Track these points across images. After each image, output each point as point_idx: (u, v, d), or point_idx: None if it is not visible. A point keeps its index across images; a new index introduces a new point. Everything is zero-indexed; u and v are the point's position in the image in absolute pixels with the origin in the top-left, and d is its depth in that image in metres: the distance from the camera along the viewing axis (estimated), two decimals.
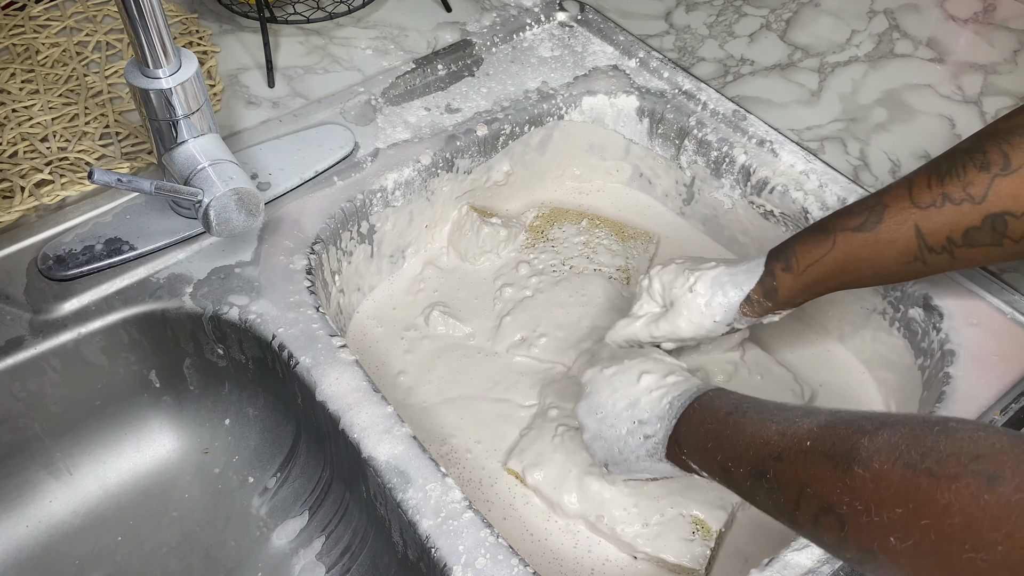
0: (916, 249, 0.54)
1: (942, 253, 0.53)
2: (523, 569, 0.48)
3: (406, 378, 0.69)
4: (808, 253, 0.57)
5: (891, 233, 0.54)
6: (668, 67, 0.79)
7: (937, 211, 0.52)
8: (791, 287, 0.57)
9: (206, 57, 0.77)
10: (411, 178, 0.71)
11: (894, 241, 0.54)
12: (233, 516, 0.64)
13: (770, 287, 0.58)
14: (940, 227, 0.52)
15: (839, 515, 0.39)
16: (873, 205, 0.55)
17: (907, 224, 0.53)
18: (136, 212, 0.64)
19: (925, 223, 0.53)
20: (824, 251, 0.56)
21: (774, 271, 0.58)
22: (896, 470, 0.37)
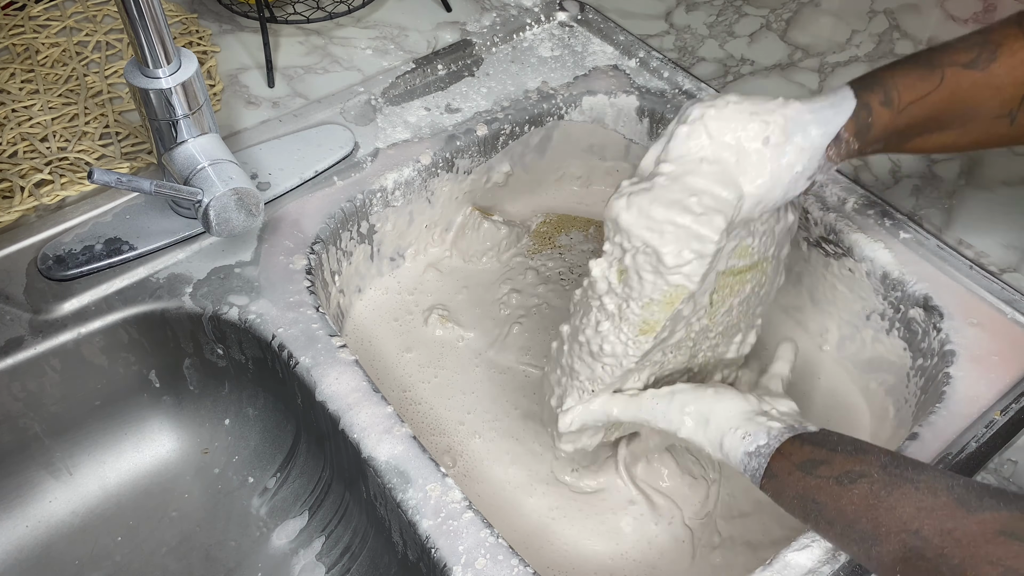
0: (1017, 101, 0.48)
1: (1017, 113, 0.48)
2: (523, 569, 0.48)
3: (406, 379, 0.69)
4: (912, 87, 0.48)
5: (1002, 75, 0.48)
6: (668, 67, 0.79)
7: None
8: (885, 127, 0.49)
9: (206, 57, 0.77)
10: (411, 178, 0.71)
11: (1002, 86, 0.48)
12: (233, 516, 0.64)
13: (864, 124, 0.48)
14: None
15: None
16: (983, 42, 0.48)
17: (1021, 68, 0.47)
18: (136, 212, 0.64)
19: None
20: (930, 87, 0.48)
21: (870, 104, 0.48)
22: None
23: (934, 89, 0.48)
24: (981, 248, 0.65)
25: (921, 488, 0.42)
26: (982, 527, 0.40)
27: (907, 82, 0.48)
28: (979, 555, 0.39)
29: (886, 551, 0.42)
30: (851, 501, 0.44)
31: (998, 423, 0.55)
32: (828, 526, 0.45)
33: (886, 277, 0.65)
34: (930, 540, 0.41)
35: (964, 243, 0.66)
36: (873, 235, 0.66)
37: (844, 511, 0.44)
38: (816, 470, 0.46)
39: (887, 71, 0.49)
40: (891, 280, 0.65)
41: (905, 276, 0.64)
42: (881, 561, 0.43)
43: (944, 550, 0.40)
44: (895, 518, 0.42)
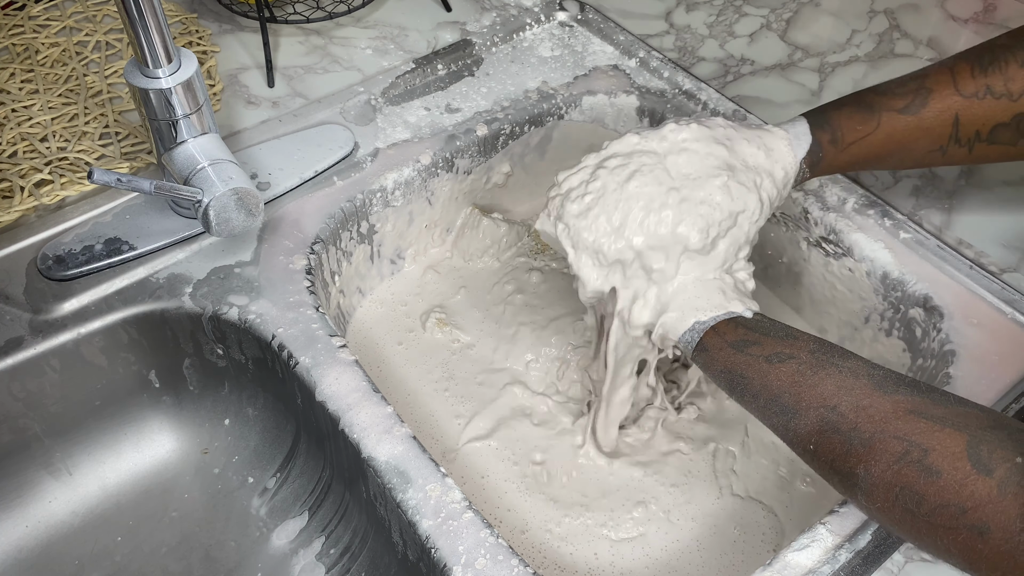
0: (946, 139, 0.53)
1: (964, 146, 0.53)
2: (523, 569, 0.48)
3: (406, 378, 0.69)
4: (853, 130, 0.55)
5: (932, 119, 0.53)
6: (668, 67, 0.79)
7: (978, 102, 0.52)
8: (832, 161, 0.57)
9: (206, 57, 0.77)
10: (411, 178, 0.71)
11: (932, 128, 0.54)
12: (233, 516, 0.64)
13: (816, 158, 0.56)
14: (975, 119, 0.52)
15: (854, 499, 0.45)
16: (916, 88, 0.54)
17: (949, 112, 0.53)
18: (136, 212, 0.64)
19: (965, 113, 0.53)
20: (869, 130, 0.55)
21: (821, 142, 0.56)
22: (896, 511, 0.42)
23: (872, 132, 0.55)
24: (981, 248, 0.65)
25: (844, 371, 0.46)
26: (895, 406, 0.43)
27: (850, 124, 0.56)
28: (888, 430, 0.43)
29: (803, 424, 0.46)
30: (777, 378, 0.48)
31: None
32: (752, 399, 0.50)
33: (886, 277, 0.65)
34: (845, 415, 0.45)
35: (964, 243, 0.66)
36: (873, 235, 0.66)
37: (769, 386, 0.48)
38: (747, 349, 0.50)
39: (834, 110, 0.57)
40: (891, 280, 0.65)
41: (905, 276, 0.64)
42: (798, 433, 0.47)
43: (857, 424, 0.44)
44: (816, 394, 0.46)
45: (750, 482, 0.64)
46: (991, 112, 0.52)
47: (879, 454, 0.42)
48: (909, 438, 0.42)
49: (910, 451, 0.41)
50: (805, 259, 0.71)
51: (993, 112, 0.52)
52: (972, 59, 0.53)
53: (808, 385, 0.47)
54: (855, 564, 0.49)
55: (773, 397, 0.48)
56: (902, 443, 0.42)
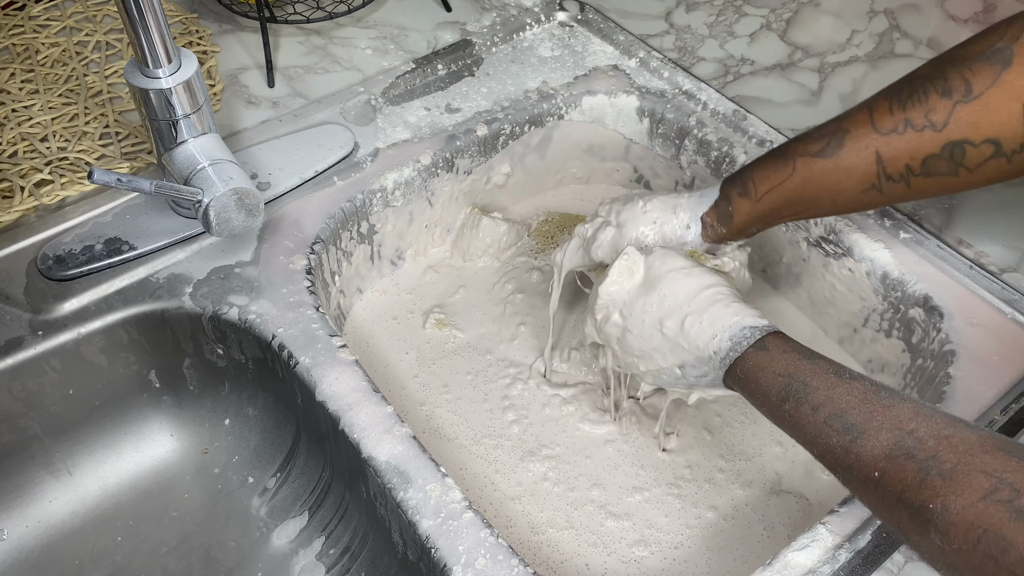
0: (875, 176, 0.52)
1: (899, 182, 0.52)
2: (523, 569, 0.48)
3: (406, 378, 0.69)
4: (766, 179, 0.55)
5: (851, 159, 0.52)
6: (668, 67, 0.79)
7: (898, 137, 0.51)
8: (748, 213, 0.57)
9: (206, 57, 0.77)
10: (411, 178, 0.71)
11: (854, 168, 0.53)
12: (233, 516, 0.64)
13: (725, 211, 0.57)
14: (900, 154, 0.51)
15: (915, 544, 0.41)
16: (833, 131, 0.54)
17: (868, 150, 0.52)
18: (136, 212, 0.64)
19: (886, 149, 0.51)
20: (783, 177, 0.55)
21: (730, 196, 0.57)
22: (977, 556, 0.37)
23: (787, 178, 0.55)
24: (981, 248, 0.65)
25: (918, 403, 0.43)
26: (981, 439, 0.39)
27: (763, 174, 0.56)
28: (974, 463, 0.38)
29: (873, 444, 0.42)
30: (847, 391, 0.45)
31: (998, 423, 0.55)
32: (811, 411, 0.45)
33: (886, 277, 0.65)
34: (925, 441, 0.40)
35: (964, 243, 0.66)
36: (873, 235, 0.66)
37: (835, 399, 0.45)
38: (814, 358, 0.48)
39: (751, 165, 0.57)
40: (891, 280, 0.65)
41: (905, 276, 0.64)
42: (862, 457, 0.42)
43: (938, 452, 0.39)
44: (891, 415, 0.42)
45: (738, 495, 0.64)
46: (916, 145, 0.51)
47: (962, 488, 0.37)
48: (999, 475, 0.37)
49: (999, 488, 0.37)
50: (805, 259, 0.71)
51: (919, 145, 0.51)
52: (891, 94, 0.52)
53: (882, 405, 0.43)
54: (855, 564, 0.49)
55: (839, 412, 0.44)
56: (990, 479, 0.37)
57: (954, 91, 0.49)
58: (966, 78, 0.49)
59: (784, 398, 0.47)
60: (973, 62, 0.49)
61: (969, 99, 0.49)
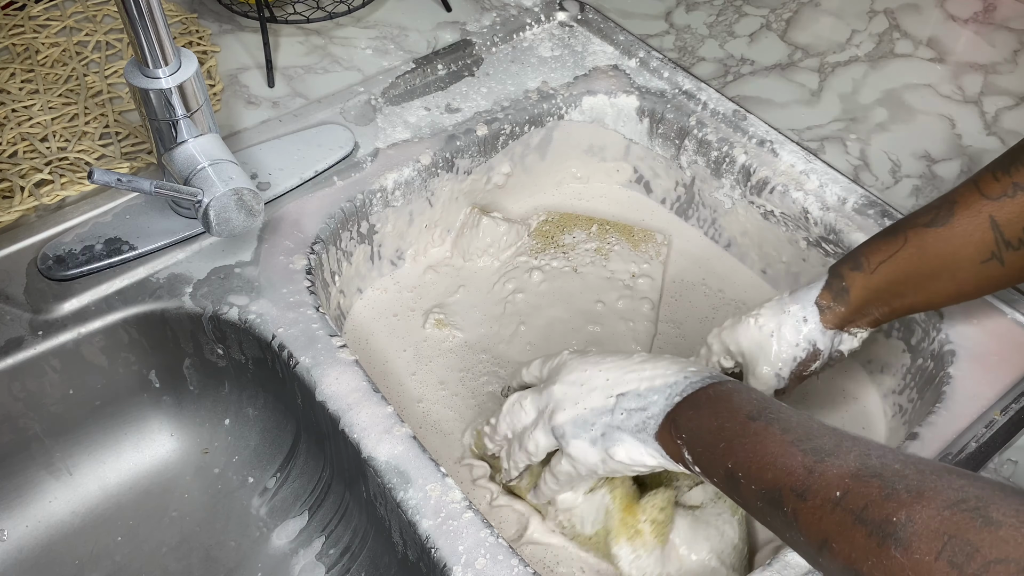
0: (992, 243, 0.51)
1: (1020, 248, 0.51)
2: (523, 569, 0.48)
3: (406, 379, 0.69)
4: (878, 251, 0.55)
5: (965, 226, 0.52)
6: (668, 67, 0.79)
7: (1010, 200, 0.50)
8: (863, 287, 0.55)
9: (206, 57, 0.77)
10: (411, 178, 0.71)
11: (969, 235, 0.52)
12: (233, 516, 0.64)
13: (839, 289, 0.56)
14: (1015, 217, 0.50)
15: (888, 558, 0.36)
16: (941, 203, 0.53)
17: (981, 216, 0.51)
18: (136, 212, 0.64)
19: (1000, 213, 0.51)
20: (895, 248, 0.54)
21: (841, 273, 0.56)
22: (940, 567, 0.35)
23: (900, 249, 0.54)
24: None
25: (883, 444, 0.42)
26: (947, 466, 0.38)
27: (873, 247, 0.55)
28: (941, 481, 0.37)
29: (840, 463, 0.40)
30: (819, 425, 0.43)
31: (998, 423, 0.55)
32: (779, 431, 0.43)
33: None
34: (891, 464, 0.39)
35: None
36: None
37: (806, 426, 0.43)
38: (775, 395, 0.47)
39: (859, 247, 0.56)
40: None
41: None
42: (826, 474, 0.40)
43: (906, 472, 0.38)
44: (860, 442, 0.41)
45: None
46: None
47: (929, 499, 0.36)
48: (966, 489, 0.36)
49: (967, 499, 0.35)
50: (804, 259, 0.71)
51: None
52: (994, 166, 0.52)
53: (850, 437, 0.42)
54: None
55: (808, 436, 0.42)
56: (958, 492, 0.36)
57: None
58: None
59: (755, 416, 0.45)
60: None
61: None
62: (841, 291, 0.56)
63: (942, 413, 0.56)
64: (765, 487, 0.42)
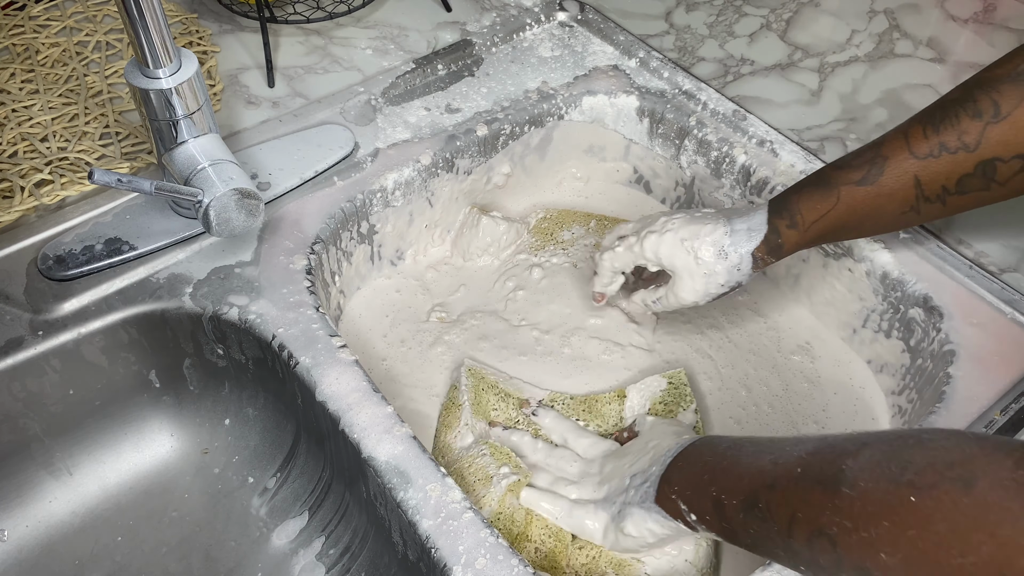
0: (913, 200, 0.55)
1: (935, 202, 0.55)
2: (523, 569, 0.48)
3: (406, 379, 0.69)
4: (813, 209, 0.57)
5: (892, 185, 0.55)
6: (668, 67, 0.79)
7: (935, 160, 0.53)
8: (796, 243, 0.59)
9: (206, 57, 0.77)
10: (411, 178, 0.71)
11: (894, 193, 0.55)
12: (233, 516, 0.64)
13: (775, 245, 0.59)
14: (937, 176, 0.54)
15: (830, 536, 0.40)
16: (873, 157, 0.56)
17: (907, 175, 0.54)
18: (136, 212, 0.64)
19: (923, 173, 0.54)
20: (829, 206, 0.57)
21: (779, 229, 0.59)
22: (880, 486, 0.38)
23: (832, 207, 0.57)
24: (981, 248, 0.65)
25: None
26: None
27: (809, 204, 0.57)
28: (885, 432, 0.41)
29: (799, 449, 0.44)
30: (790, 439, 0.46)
31: (998, 423, 0.55)
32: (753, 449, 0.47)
33: (886, 277, 0.65)
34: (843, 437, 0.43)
35: (964, 243, 0.66)
36: None
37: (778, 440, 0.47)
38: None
39: (795, 192, 0.59)
40: (891, 280, 0.65)
41: (905, 276, 0.64)
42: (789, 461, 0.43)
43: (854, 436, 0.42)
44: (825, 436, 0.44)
45: None
46: (951, 167, 0.53)
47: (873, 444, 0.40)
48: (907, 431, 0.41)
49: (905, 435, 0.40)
50: (804, 259, 0.71)
51: (954, 167, 0.53)
52: (925, 119, 0.55)
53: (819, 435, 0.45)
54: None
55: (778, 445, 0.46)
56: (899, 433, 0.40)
57: (984, 112, 0.52)
58: (994, 99, 0.52)
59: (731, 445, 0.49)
60: (1000, 83, 0.52)
61: (998, 119, 0.52)
62: (776, 247, 0.59)
63: (942, 413, 0.56)
64: (743, 496, 0.45)
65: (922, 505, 0.36)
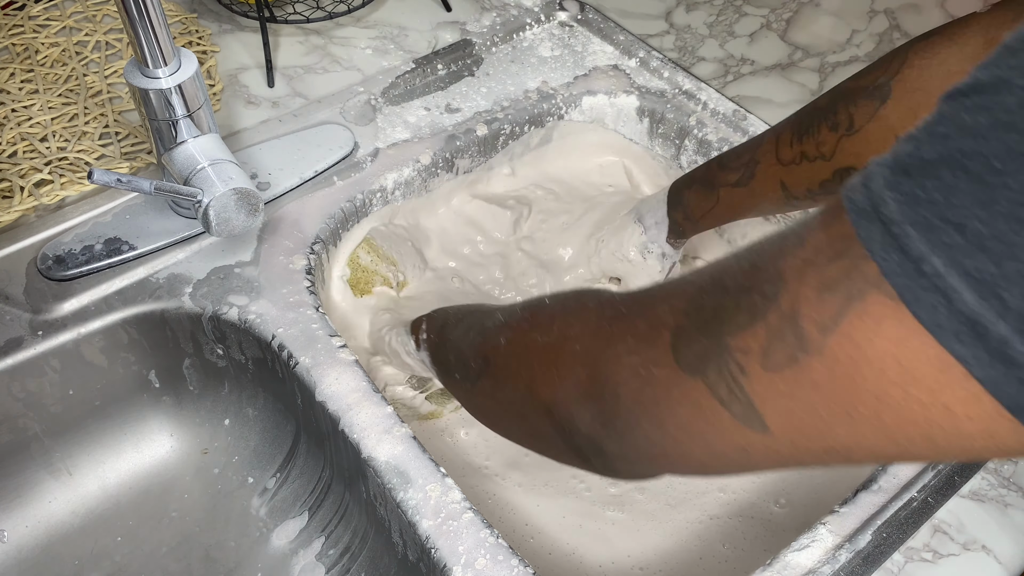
0: (783, 199, 0.60)
1: (804, 199, 0.59)
2: (523, 569, 0.48)
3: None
4: (699, 206, 0.66)
5: (762, 187, 0.60)
6: (668, 67, 0.79)
7: (796, 167, 0.58)
8: (693, 230, 0.68)
9: (206, 57, 0.77)
10: (411, 178, 0.71)
11: (765, 193, 0.60)
12: (233, 516, 0.64)
13: (678, 231, 0.69)
14: (800, 180, 0.58)
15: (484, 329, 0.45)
16: (748, 161, 0.61)
17: (774, 180, 0.59)
18: (136, 212, 0.64)
19: (788, 178, 0.58)
20: (711, 204, 0.64)
21: (677, 220, 0.68)
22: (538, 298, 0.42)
23: (714, 205, 0.64)
24: None
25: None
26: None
27: (696, 202, 0.66)
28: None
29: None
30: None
31: None
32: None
33: None
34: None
35: None
36: None
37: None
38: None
39: (685, 188, 0.67)
40: None
41: None
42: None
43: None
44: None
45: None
46: (812, 173, 0.56)
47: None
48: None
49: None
50: None
51: (813, 173, 0.56)
52: (794, 126, 0.58)
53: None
54: (855, 564, 0.49)
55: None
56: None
57: (839, 126, 0.55)
58: (850, 113, 0.55)
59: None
60: (858, 98, 0.55)
61: (851, 133, 0.54)
62: (680, 233, 0.69)
63: None
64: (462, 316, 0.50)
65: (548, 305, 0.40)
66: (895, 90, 0.52)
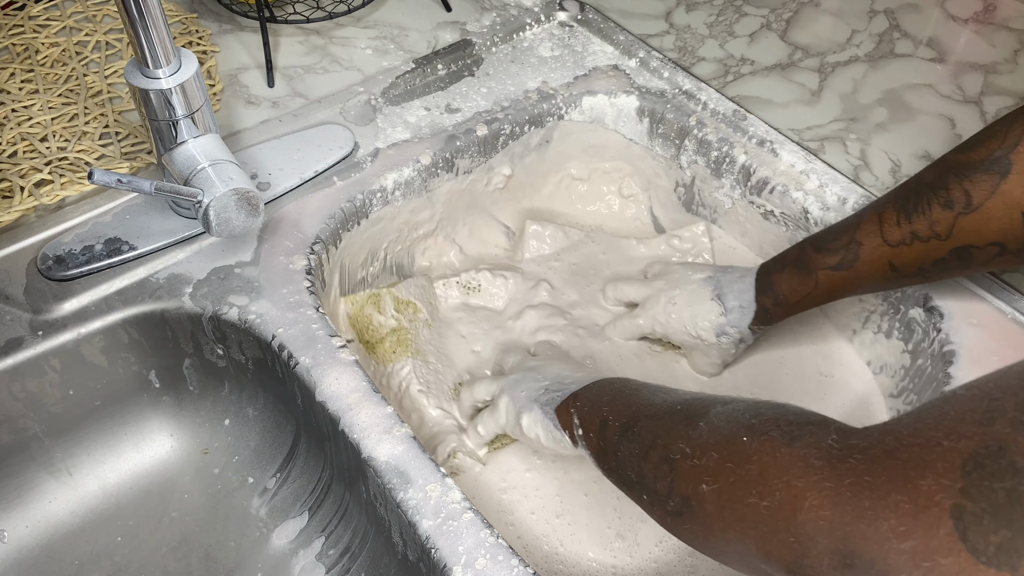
0: (891, 279, 0.57)
1: (915, 276, 0.57)
2: (523, 569, 0.48)
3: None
4: (795, 291, 0.61)
5: (867, 269, 0.57)
6: (668, 67, 0.79)
7: (907, 248, 0.55)
8: (783, 315, 0.64)
9: (206, 57, 0.77)
10: (411, 178, 0.71)
11: (872, 274, 0.57)
12: (233, 516, 0.64)
13: (764, 319, 0.64)
14: (911, 261, 0.55)
15: (672, 462, 0.43)
16: (848, 243, 0.58)
17: (881, 261, 0.56)
18: (136, 212, 0.64)
19: (897, 259, 0.55)
20: (809, 288, 0.60)
21: (766, 306, 0.63)
22: (727, 426, 0.41)
23: (812, 290, 0.61)
24: None
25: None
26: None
27: (790, 287, 0.62)
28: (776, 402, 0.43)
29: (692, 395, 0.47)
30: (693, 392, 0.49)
31: None
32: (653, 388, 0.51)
33: None
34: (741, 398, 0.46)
35: None
36: None
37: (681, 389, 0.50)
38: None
39: (776, 273, 0.63)
40: None
41: None
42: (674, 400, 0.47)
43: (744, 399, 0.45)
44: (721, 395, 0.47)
45: None
46: (925, 253, 0.54)
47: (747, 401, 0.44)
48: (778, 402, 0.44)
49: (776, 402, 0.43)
50: None
51: (927, 252, 0.54)
52: (899, 204, 0.55)
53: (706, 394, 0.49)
54: None
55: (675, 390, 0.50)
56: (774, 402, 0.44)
57: (955, 203, 0.52)
58: (966, 189, 0.51)
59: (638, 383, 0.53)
60: (973, 172, 0.51)
61: (970, 211, 0.51)
62: (766, 320, 0.64)
63: None
64: (625, 419, 0.48)
65: (748, 446, 0.39)
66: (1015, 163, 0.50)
